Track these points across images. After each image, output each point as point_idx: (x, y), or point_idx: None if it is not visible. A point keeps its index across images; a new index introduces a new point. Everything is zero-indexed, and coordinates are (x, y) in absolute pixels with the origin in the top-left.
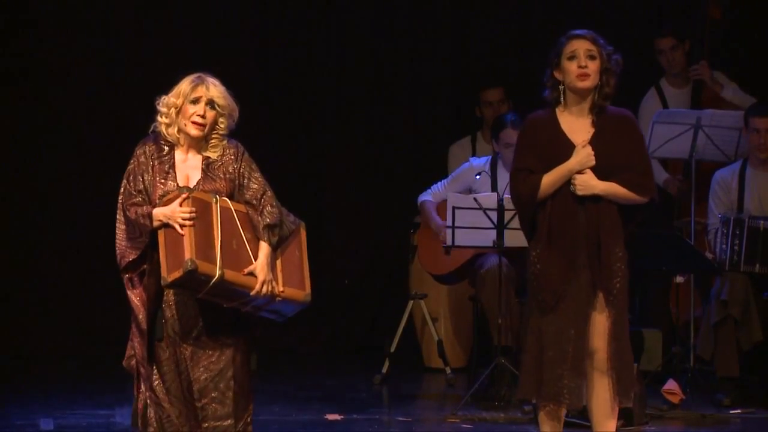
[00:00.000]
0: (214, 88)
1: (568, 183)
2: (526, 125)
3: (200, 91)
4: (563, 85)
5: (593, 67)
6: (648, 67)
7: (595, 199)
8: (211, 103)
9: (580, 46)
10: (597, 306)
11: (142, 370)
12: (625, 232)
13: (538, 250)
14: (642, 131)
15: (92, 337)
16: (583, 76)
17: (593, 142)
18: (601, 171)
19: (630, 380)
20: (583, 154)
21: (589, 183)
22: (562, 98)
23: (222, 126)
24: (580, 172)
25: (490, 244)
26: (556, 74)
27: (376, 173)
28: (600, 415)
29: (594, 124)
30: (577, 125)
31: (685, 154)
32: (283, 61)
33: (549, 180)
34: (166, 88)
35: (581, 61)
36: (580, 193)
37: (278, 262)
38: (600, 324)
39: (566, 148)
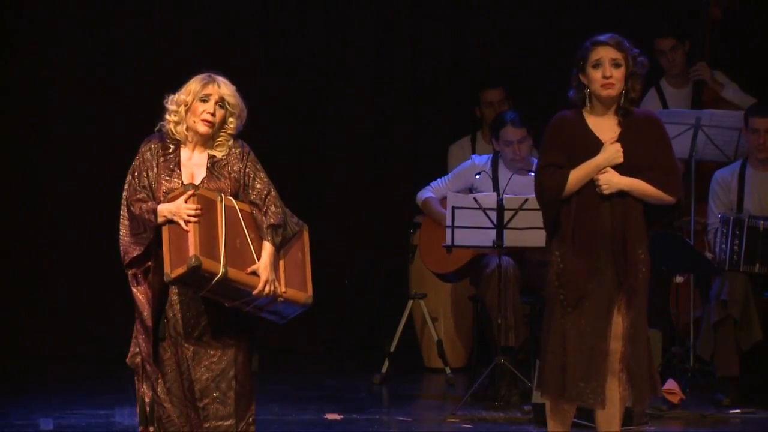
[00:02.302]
0: (225, 87)
1: (593, 181)
2: (554, 123)
3: (211, 89)
4: (588, 89)
5: (618, 75)
6: (648, 67)
7: (621, 197)
8: (221, 102)
9: (605, 54)
10: (618, 306)
11: (148, 367)
12: (649, 234)
13: (562, 249)
14: None
15: (92, 337)
16: (608, 85)
17: (620, 140)
18: (626, 169)
19: (647, 383)
20: (612, 151)
21: (612, 180)
22: (587, 101)
23: (231, 126)
24: (603, 170)
25: (490, 244)
26: (582, 78)
27: (376, 173)
28: (608, 416)
29: (620, 123)
30: (603, 124)
31: (685, 154)
32: (282, 61)
33: (576, 175)
34: (167, 86)
35: (606, 71)
36: (606, 192)
37: (281, 263)
38: (618, 325)
39: (594, 146)
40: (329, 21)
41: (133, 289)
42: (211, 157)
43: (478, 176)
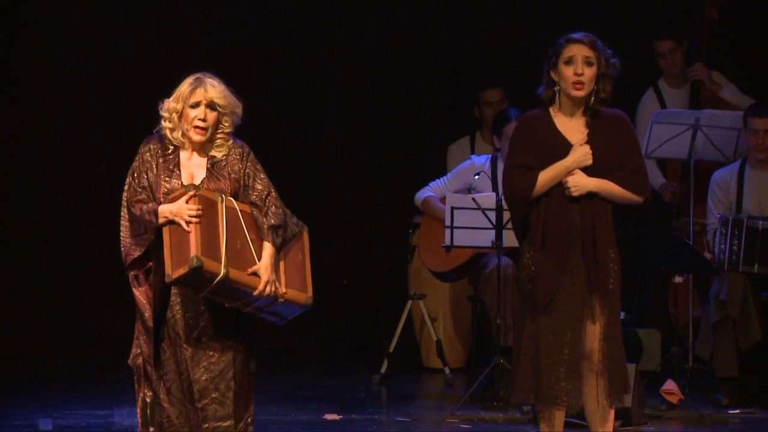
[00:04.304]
0: (213, 89)
1: (561, 183)
2: (521, 124)
3: (199, 95)
4: (558, 86)
5: (589, 74)
6: (646, 67)
7: (590, 198)
8: (211, 105)
9: (578, 52)
10: (591, 307)
11: (148, 368)
12: (617, 233)
13: (532, 252)
14: (640, 132)
15: (92, 337)
16: (578, 84)
17: (588, 141)
18: (595, 170)
19: (622, 381)
20: (581, 152)
21: (581, 182)
22: (557, 98)
23: (226, 125)
24: (571, 172)
25: (489, 245)
26: (552, 74)
27: (376, 173)
28: (595, 416)
29: (588, 124)
30: (571, 125)
31: (684, 155)
32: (282, 62)
33: (545, 177)
34: (167, 86)
35: (578, 68)
36: (575, 194)
37: (281, 264)
38: (594, 325)
39: (562, 147)
40: (329, 21)
41: (135, 291)
42: (210, 158)
43: (477, 176)
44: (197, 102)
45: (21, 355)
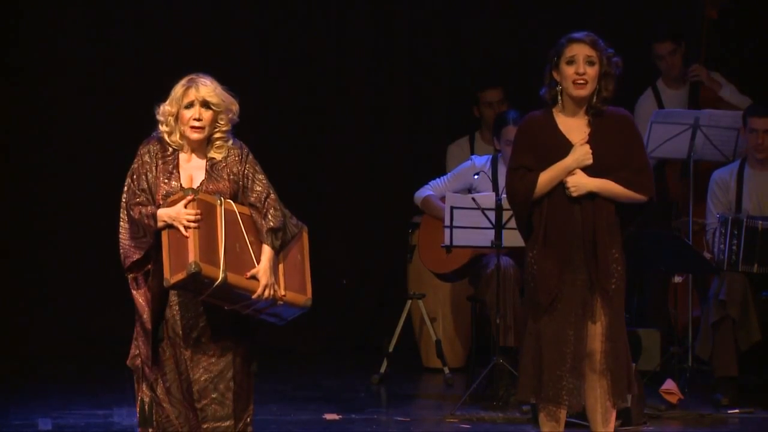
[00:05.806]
0: (204, 88)
1: (563, 183)
2: (523, 125)
3: (191, 95)
4: (560, 86)
5: (591, 73)
6: (644, 67)
7: (591, 198)
8: (204, 104)
9: (580, 51)
10: (594, 307)
11: (146, 370)
12: (623, 234)
13: (535, 251)
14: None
15: (91, 338)
16: (580, 82)
17: (590, 141)
18: (597, 170)
19: (625, 381)
20: (581, 152)
21: (581, 182)
22: (559, 98)
23: (222, 123)
24: (572, 172)
25: (489, 244)
26: (554, 74)
27: (375, 173)
28: (597, 416)
29: (590, 123)
30: (573, 125)
31: (684, 154)
32: (282, 61)
33: (546, 177)
34: (166, 87)
35: (579, 68)
36: (574, 194)
37: (280, 265)
38: (596, 325)
39: (564, 147)
40: (328, 21)
41: (134, 292)
42: (210, 159)
43: (476, 176)
44: (191, 102)
45: (21, 355)
